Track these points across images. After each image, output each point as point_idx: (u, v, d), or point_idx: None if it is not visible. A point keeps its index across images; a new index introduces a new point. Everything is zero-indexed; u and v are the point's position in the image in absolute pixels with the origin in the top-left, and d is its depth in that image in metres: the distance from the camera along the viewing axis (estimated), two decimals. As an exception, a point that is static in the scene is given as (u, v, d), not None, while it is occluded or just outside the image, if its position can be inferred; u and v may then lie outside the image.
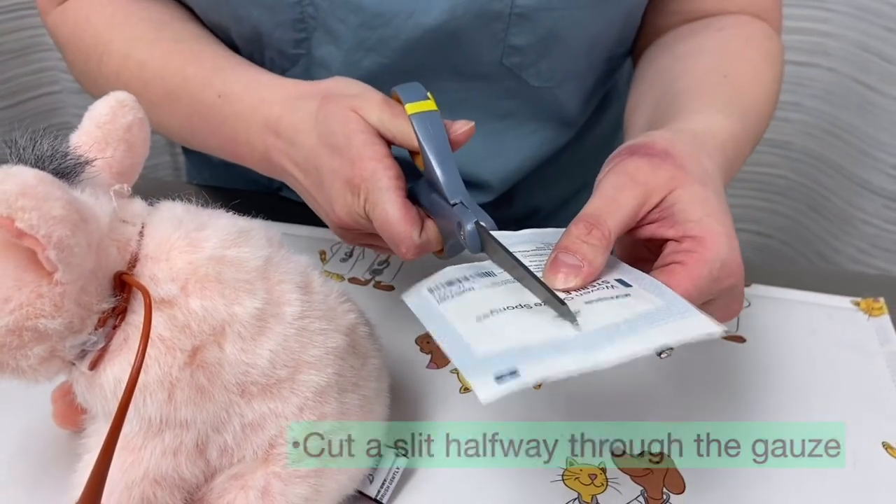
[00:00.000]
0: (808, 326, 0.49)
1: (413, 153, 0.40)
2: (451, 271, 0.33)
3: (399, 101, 0.40)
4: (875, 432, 0.42)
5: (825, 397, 0.44)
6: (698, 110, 0.43)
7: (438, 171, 0.37)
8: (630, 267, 0.33)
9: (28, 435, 0.40)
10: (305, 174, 0.41)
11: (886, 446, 0.41)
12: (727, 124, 0.42)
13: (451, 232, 0.37)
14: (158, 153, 1.16)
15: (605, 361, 0.27)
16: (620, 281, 0.32)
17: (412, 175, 0.39)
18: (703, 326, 0.29)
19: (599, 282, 0.32)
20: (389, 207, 0.36)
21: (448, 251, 0.40)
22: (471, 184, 0.57)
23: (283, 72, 0.52)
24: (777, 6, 0.56)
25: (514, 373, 0.26)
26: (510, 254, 0.32)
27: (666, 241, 0.33)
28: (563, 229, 0.33)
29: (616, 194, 0.33)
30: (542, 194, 0.63)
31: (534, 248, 0.35)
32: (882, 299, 0.51)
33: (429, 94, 0.39)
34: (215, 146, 0.47)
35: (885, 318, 0.49)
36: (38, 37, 1.08)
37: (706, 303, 0.33)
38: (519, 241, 0.35)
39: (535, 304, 0.31)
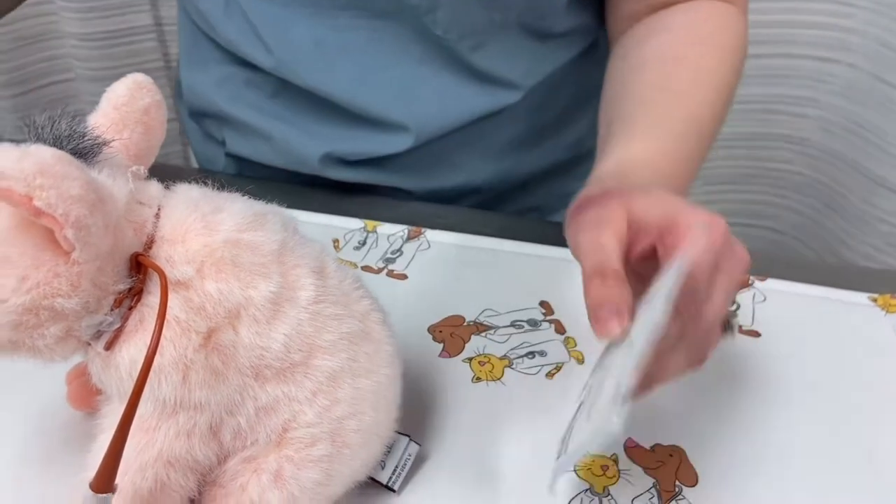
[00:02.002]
0: (824, 321, 0.49)
1: None
2: None
3: None
4: (892, 428, 0.42)
5: (841, 392, 0.44)
6: (621, 142, 0.46)
7: None
8: None
9: (43, 416, 0.40)
10: None
11: (903, 443, 0.41)
12: (649, 147, 0.45)
13: None
14: (171, 142, 1.16)
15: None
16: None
17: None
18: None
19: None
20: None
21: None
22: (383, 125, 0.58)
23: None
24: None
25: None
26: None
27: (654, 249, 0.35)
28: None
29: (596, 244, 0.35)
30: (522, 162, 0.64)
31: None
32: (900, 296, 0.50)
33: None
34: None
35: (903, 315, 0.49)
36: (52, 24, 1.08)
37: (716, 268, 0.34)
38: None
39: None
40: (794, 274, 0.52)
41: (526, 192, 0.66)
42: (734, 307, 0.35)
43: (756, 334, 0.48)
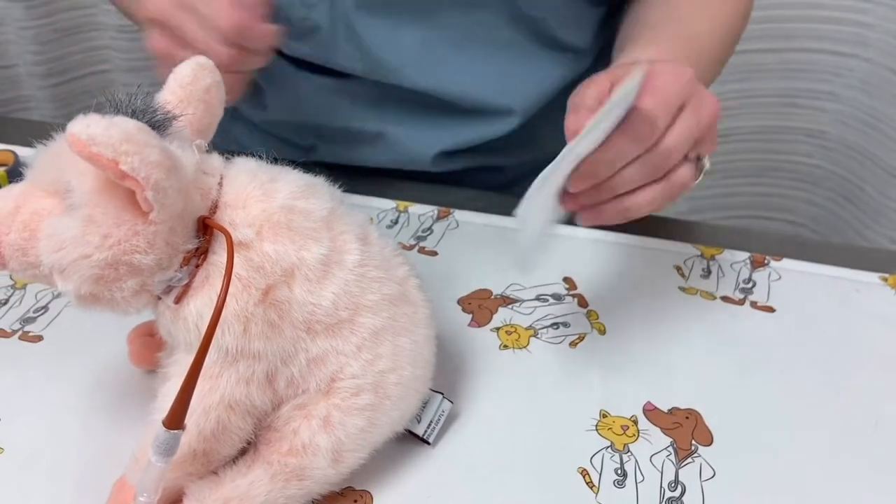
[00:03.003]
0: (836, 299, 0.51)
1: None
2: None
3: None
4: (897, 397, 0.44)
5: (850, 363, 0.46)
6: (626, 54, 0.50)
7: None
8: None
9: (106, 373, 0.43)
10: None
11: (908, 410, 0.43)
12: (648, 52, 0.49)
13: None
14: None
15: None
16: None
17: None
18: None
19: None
20: None
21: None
22: (491, 112, 0.61)
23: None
24: None
25: None
26: None
27: None
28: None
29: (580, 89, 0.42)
30: None
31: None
32: (910, 276, 0.52)
33: None
34: None
35: (912, 294, 0.51)
36: (90, 16, 1.12)
37: (683, 109, 0.40)
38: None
39: None
40: (807, 255, 0.55)
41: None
42: (705, 159, 0.42)
43: (770, 310, 0.50)
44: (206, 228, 0.33)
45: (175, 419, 0.31)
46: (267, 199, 0.34)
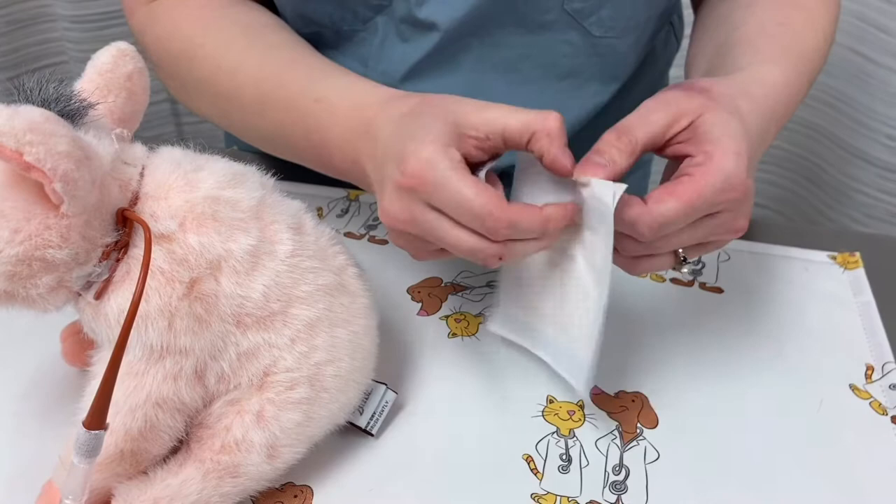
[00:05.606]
0: (785, 278, 0.51)
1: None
2: None
3: None
4: (843, 375, 0.44)
5: (798, 342, 0.46)
6: (752, 63, 0.44)
7: None
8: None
9: (40, 372, 0.42)
10: (375, 168, 0.39)
11: (853, 388, 0.43)
12: (778, 73, 0.44)
13: None
14: (163, 123, 1.17)
15: None
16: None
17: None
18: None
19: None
20: (460, 184, 0.33)
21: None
22: None
23: (364, 22, 0.53)
24: None
25: None
26: None
27: (687, 157, 0.37)
28: None
29: (649, 113, 0.37)
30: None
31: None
32: (858, 254, 0.52)
33: None
34: (304, 152, 0.46)
35: (860, 271, 0.51)
36: (44, 7, 1.09)
37: (710, 216, 0.36)
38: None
39: None
40: (759, 236, 0.55)
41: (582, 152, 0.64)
42: (699, 264, 0.39)
43: (719, 291, 0.50)
44: (125, 221, 0.32)
45: (95, 419, 0.30)
46: (191, 190, 0.33)
